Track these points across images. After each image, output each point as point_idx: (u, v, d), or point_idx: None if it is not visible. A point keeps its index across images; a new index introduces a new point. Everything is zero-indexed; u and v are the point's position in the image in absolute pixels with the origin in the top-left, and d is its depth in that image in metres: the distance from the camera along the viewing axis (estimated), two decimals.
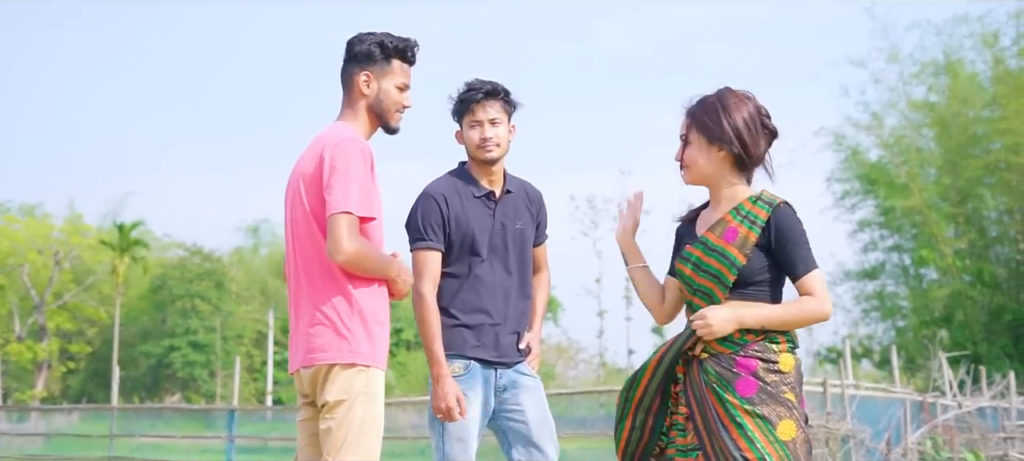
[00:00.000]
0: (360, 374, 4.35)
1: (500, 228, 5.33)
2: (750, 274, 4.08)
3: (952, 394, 16.67)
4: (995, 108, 33.54)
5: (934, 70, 34.97)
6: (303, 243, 4.46)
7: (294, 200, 4.50)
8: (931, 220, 33.42)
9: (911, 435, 14.74)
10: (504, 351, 5.29)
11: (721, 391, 4.03)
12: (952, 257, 33.26)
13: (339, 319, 4.36)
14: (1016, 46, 33.73)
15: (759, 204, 4.18)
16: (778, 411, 3.98)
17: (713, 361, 4.10)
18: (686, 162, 4.30)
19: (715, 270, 4.10)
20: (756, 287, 4.11)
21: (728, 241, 4.10)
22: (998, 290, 33.37)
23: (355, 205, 4.29)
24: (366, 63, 4.61)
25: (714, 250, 4.13)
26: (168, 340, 55.29)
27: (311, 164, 4.41)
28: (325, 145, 4.39)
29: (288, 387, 46.81)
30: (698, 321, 4.06)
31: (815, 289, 4.10)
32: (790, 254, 4.10)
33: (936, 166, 35.00)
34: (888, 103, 35.77)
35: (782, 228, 4.11)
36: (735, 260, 4.07)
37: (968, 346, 29.17)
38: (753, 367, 4.04)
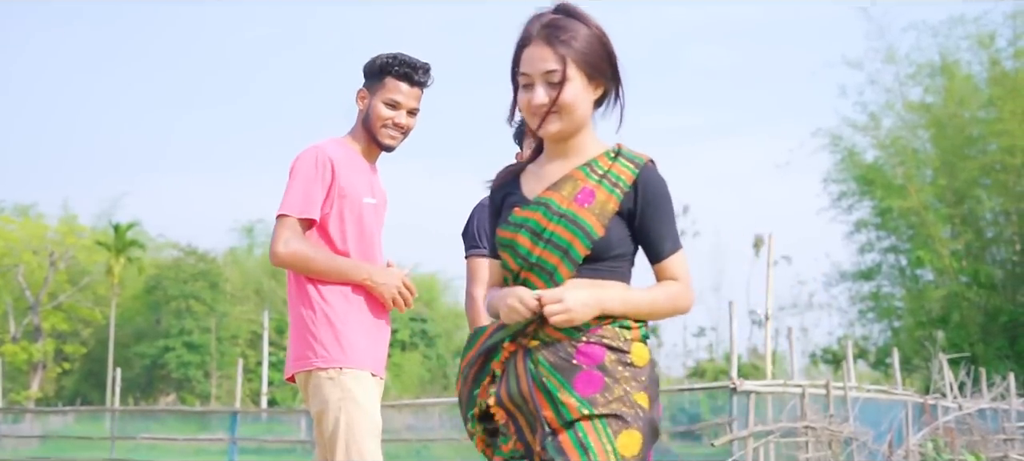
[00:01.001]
0: (331, 379, 4.41)
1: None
2: (606, 249, 3.23)
3: (953, 396, 16.68)
4: (991, 109, 33.61)
5: (930, 71, 35.05)
6: None
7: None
8: (927, 221, 33.46)
9: (912, 437, 14.74)
10: None
11: (554, 389, 3.15)
12: (949, 258, 33.30)
13: (307, 326, 4.46)
14: (1012, 47, 33.79)
15: (621, 162, 3.33)
16: (624, 416, 3.12)
17: (547, 350, 3.20)
18: (565, 106, 3.28)
19: (563, 241, 3.21)
20: (610, 265, 3.27)
21: (581, 205, 3.22)
22: (994, 291, 33.42)
23: (294, 207, 4.42)
24: (365, 80, 4.75)
25: (561, 215, 3.22)
26: (163, 341, 55.21)
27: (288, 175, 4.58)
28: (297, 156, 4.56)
29: (283, 388, 46.78)
30: (554, 305, 3.10)
31: (681, 273, 3.34)
32: (657, 228, 3.29)
33: (932, 167, 35.05)
34: (885, 104, 35.87)
35: (651, 195, 3.29)
36: (591, 230, 3.19)
37: (965, 347, 29.22)
38: (599, 357, 3.18)
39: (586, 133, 3.38)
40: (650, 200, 3.28)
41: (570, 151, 3.35)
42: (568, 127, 3.31)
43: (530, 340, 3.24)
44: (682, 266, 3.34)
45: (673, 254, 3.32)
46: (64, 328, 54.67)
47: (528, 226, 3.26)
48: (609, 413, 3.12)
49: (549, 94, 3.27)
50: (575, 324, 3.14)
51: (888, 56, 35.46)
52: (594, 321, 3.20)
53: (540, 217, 3.25)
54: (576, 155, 3.35)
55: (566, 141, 3.35)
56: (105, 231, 54.26)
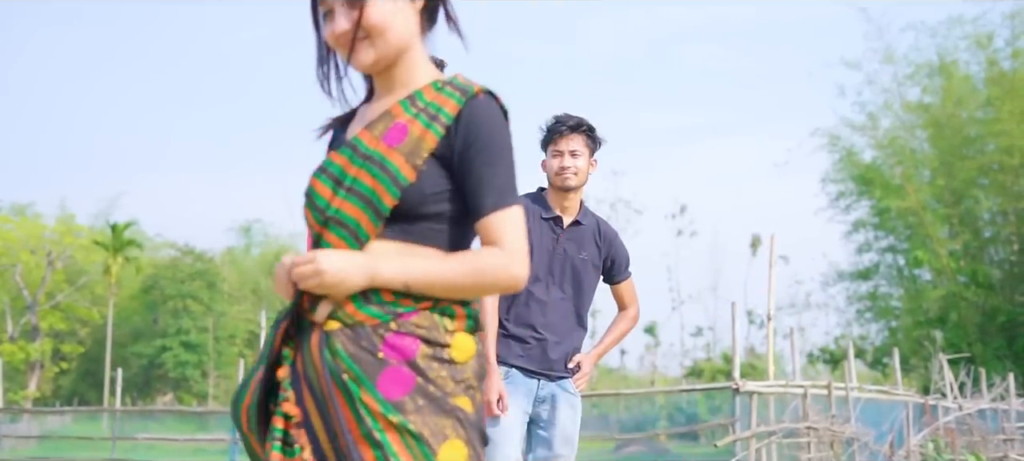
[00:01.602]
0: None
1: (562, 253, 5.62)
2: (419, 201, 2.56)
3: (953, 396, 16.71)
4: (989, 110, 33.67)
5: (929, 71, 35.11)
6: None
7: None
8: (925, 221, 33.49)
9: (913, 437, 14.77)
10: (549, 365, 5.57)
11: (354, 388, 2.49)
12: (946, 258, 33.34)
13: None
14: (1010, 48, 33.85)
15: (446, 92, 2.67)
16: (441, 425, 2.50)
17: (348, 337, 2.53)
18: (373, 28, 2.68)
19: (365, 188, 2.56)
20: (427, 226, 2.60)
21: (391, 144, 2.58)
22: (992, 291, 33.46)
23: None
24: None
25: (367, 157, 2.59)
26: (160, 340, 55.21)
27: None
28: None
29: None
30: (304, 266, 2.50)
31: (505, 238, 2.59)
32: (478, 174, 2.58)
33: (930, 167, 35.11)
34: (883, 104, 35.92)
35: (473, 131, 2.60)
36: (398, 174, 2.55)
37: (962, 347, 29.26)
38: (410, 351, 2.53)
39: (412, 59, 2.74)
40: (472, 139, 2.59)
41: (396, 83, 2.74)
42: (384, 53, 2.70)
43: (329, 321, 2.55)
44: (508, 229, 2.60)
45: (496, 212, 2.58)
46: (61, 328, 54.67)
47: (331, 172, 2.65)
48: (421, 423, 2.48)
49: (350, 17, 2.68)
50: (329, 291, 2.50)
51: (886, 56, 35.55)
52: (408, 303, 2.55)
53: (345, 161, 2.63)
54: (402, 87, 2.74)
55: (390, 72, 2.74)
56: (102, 231, 54.25)
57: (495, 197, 2.58)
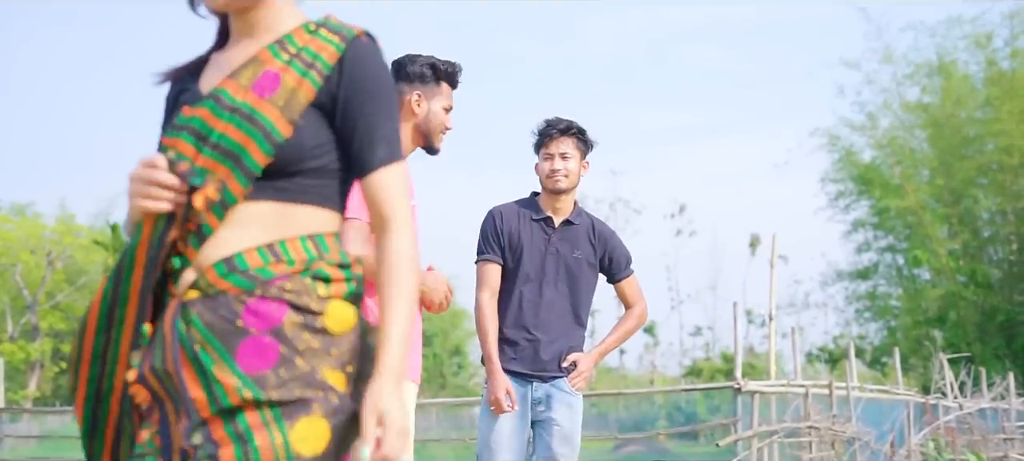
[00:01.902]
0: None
1: (555, 253, 5.71)
2: (297, 157, 2.29)
3: (953, 396, 16.77)
4: (988, 109, 33.71)
5: (928, 71, 35.14)
6: None
7: None
8: (925, 221, 33.54)
9: (914, 437, 14.82)
10: (541, 366, 5.66)
11: (208, 361, 2.20)
12: (946, 257, 33.39)
13: None
14: (1009, 47, 33.89)
15: (322, 36, 2.40)
16: (305, 400, 2.19)
17: (206, 306, 2.25)
18: None
19: (233, 144, 2.26)
20: (307, 179, 2.33)
21: (261, 94, 2.28)
22: (991, 291, 33.50)
23: (364, 212, 4.38)
24: (418, 83, 4.70)
25: (233, 109, 2.29)
26: None
27: None
28: None
29: None
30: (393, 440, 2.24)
31: (394, 202, 2.35)
32: (368, 124, 2.33)
33: (930, 167, 35.16)
34: (882, 104, 35.94)
35: (359, 78, 2.34)
36: (272, 129, 2.26)
37: (961, 346, 29.29)
38: (275, 318, 2.24)
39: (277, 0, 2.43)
40: (358, 86, 2.33)
41: (258, 27, 2.43)
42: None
43: (189, 290, 2.28)
44: (397, 191, 2.36)
45: (386, 167, 2.35)
46: (62, 327, 54.62)
47: (191, 128, 2.34)
48: (283, 399, 2.19)
49: None
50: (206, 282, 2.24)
51: (885, 56, 35.57)
52: (279, 267, 2.27)
53: (207, 114, 2.32)
54: (266, 32, 2.43)
55: (249, 13, 2.42)
56: (102, 231, 54.23)
57: (385, 150, 2.35)
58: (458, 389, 59.48)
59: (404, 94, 4.69)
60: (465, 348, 68.07)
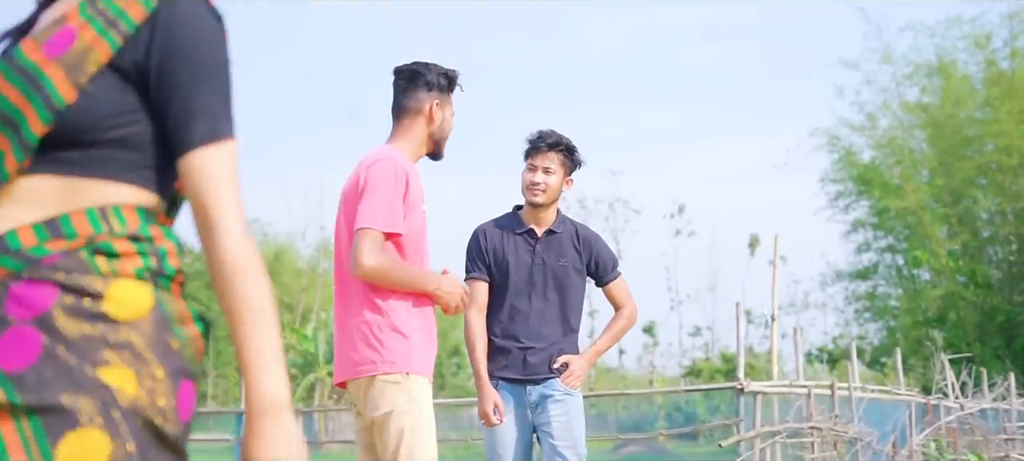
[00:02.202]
0: (398, 384, 4.49)
1: (541, 263, 5.88)
2: (88, 125, 1.93)
3: (954, 396, 16.78)
4: (987, 110, 33.72)
5: (927, 71, 35.16)
6: (342, 259, 4.65)
7: (338, 219, 4.73)
8: (924, 221, 33.55)
9: (915, 437, 14.83)
10: (532, 371, 5.85)
11: None
12: (945, 258, 33.40)
13: (371, 332, 4.51)
14: (1008, 48, 33.90)
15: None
16: (75, 407, 1.79)
17: None
18: None
19: (12, 110, 1.93)
20: (107, 151, 1.96)
21: (50, 54, 1.94)
22: (991, 291, 33.52)
23: (379, 221, 4.43)
24: (436, 91, 4.82)
25: (21, 70, 1.95)
26: None
27: (351, 184, 4.63)
28: (363, 165, 4.58)
29: None
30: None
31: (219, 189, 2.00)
32: (185, 95, 1.99)
33: (929, 167, 35.17)
34: (882, 104, 35.95)
35: (177, 40, 2.00)
36: (54, 93, 1.92)
37: (961, 347, 29.31)
38: (42, 303, 1.83)
39: None
40: (174, 49, 1.98)
41: None
42: None
43: None
44: (224, 178, 2.00)
45: (208, 146, 2.00)
46: None
47: None
48: (43, 404, 1.77)
49: None
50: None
51: (885, 56, 35.59)
52: (53, 243, 1.88)
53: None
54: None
55: None
56: None
57: (207, 125, 1.98)
58: (457, 389, 59.50)
59: (422, 102, 4.78)
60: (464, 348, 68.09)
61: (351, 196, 4.58)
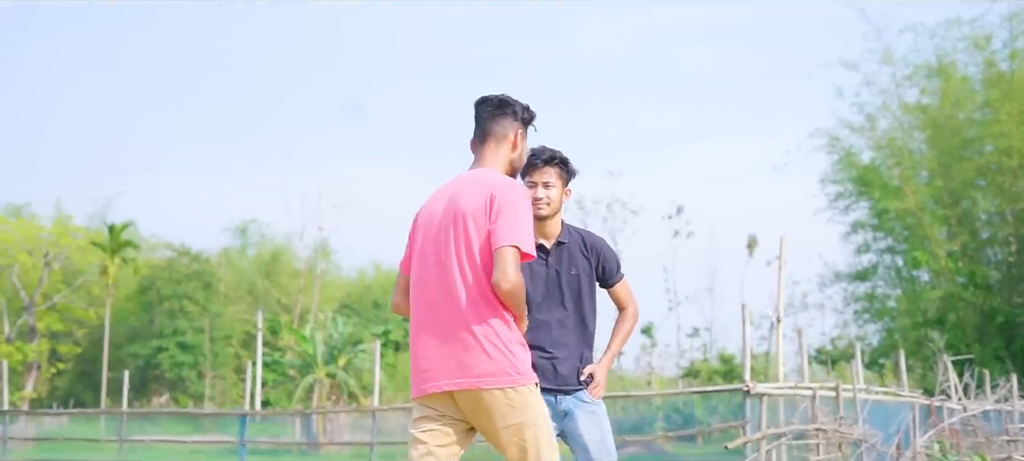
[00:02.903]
0: (532, 393, 4.69)
1: (554, 275, 6.00)
2: None
3: (957, 398, 16.75)
4: (987, 111, 33.72)
5: (927, 73, 35.16)
6: (462, 271, 4.68)
7: (453, 231, 4.74)
8: (924, 222, 33.55)
9: (919, 439, 14.81)
10: (562, 380, 5.91)
11: None
12: (945, 259, 33.40)
13: (506, 344, 4.65)
14: (1008, 49, 33.90)
15: None
16: None
17: None
18: None
19: None
20: None
21: None
22: (990, 292, 33.53)
23: (522, 242, 4.60)
24: (520, 123, 5.10)
25: None
26: (156, 341, 55.12)
27: (478, 202, 4.70)
28: (492, 187, 4.71)
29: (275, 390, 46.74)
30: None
31: None
32: None
33: (929, 168, 35.18)
34: (881, 105, 35.95)
35: None
36: None
37: (961, 348, 29.33)
38: None
39: None
40: None
41: None
42: None
43: None
44: None
45: None
46: (58, 329, 54.58)
47: None
48: None
49: None
50: None
51: (885, 57, 35.59)
52: None
53: None
54: None
55: None
56: (99, 231, 54.19)
57: None
58: None
59: (508, 130, 5.05)
60: None
61: (477, 213, 4.67)
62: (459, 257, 4.70)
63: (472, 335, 4.63)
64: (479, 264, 4.64)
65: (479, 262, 4.65)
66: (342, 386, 40.11)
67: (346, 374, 39.98)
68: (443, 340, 4.70)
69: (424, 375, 4.74)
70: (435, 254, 4.76)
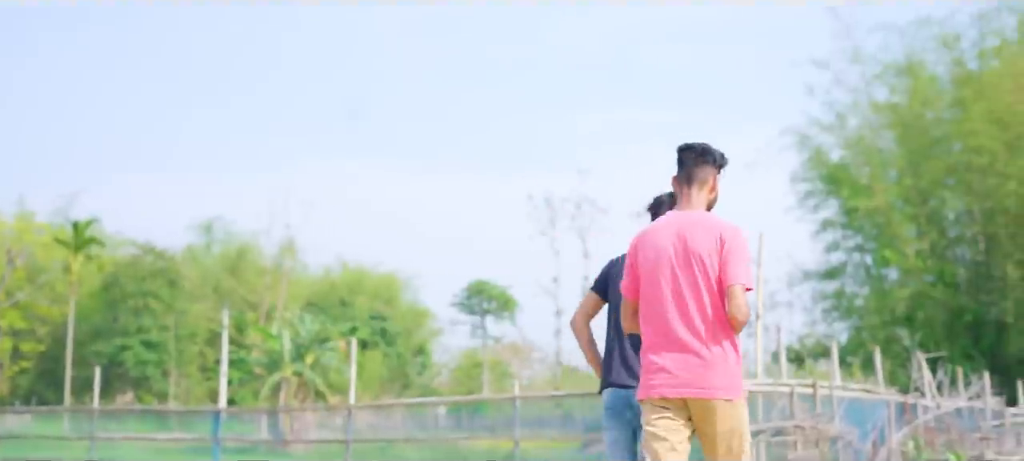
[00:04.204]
0: (744, 405, 5.44)
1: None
2: None
3: (931, 395, 16.74)
4: (956, 110, 33.83)
5: (896, 71, 35.24)
6: (700, 302, 5.46)
7: (692, 267, 5.51)
8: (893, 221, 33.65)
9: (894, 435, 14.77)
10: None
11: None
12: (914, 258, 33.48)
13: (730, 365, 5.39)
14: (976, 48, 34.02)
15: None
16: None
17: None
18: None
19: None
20: None
21: None
22: (958, 291, 33.64)
23: (749, 280, 5.43)
24: (718, 170, 5.80)
25: None
26: (120, 339, 54.58)
27: (710, 244, 5.49)
28: (721, 231, 5.50)
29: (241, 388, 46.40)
30: None
31: None
32: None
33: (898, 167, 35.25)
34: (851, 104, 36.00)
35: None
36: None
37: (929, 346, 29.38)
38: None
39: None
40: None
41: None
42: None
43: None
44: None
45: None
46: (21, 326, 53.96)
47: None
48: None
49: None
50: None
51: (855, 56, 35.64)
52: None
53: None
54: None
55: None
56: (62, 228, 53.64)
57: None
58: (423, 389, 59.33)
59: (708, 175, 5.73)
60: (428, 347, 67.83)
61: (711, 254, 5.46)
62: (697, 290, 5.46)
63: (710, 355, 5.40)
64: (714, 295, 5.43)
65: (714, 294, 5.43)
66: (309, 384, 39.80)
67: (313, 372, 39.67)
68: (683, 357, 5.46)
69: (664, 382, 5.48)
70: (672, 284, 5.52)
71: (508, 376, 66.34)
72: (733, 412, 5.41)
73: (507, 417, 31.92)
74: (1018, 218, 32.57)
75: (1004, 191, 31.98)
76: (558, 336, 57.65)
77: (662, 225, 5.71)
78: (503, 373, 67.84)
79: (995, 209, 32.87)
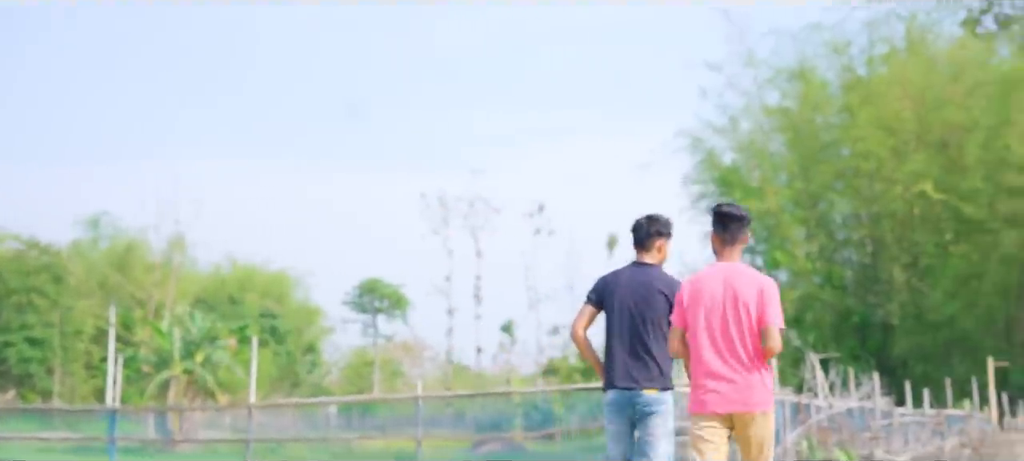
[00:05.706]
0: (772, 417, 6.97)
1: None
2: None
3: (824, 395, 16.99)
4: (845, 115, 34.44)
5: (788, 76, 35.76)
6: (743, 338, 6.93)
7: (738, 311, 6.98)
8: (783, 223, 34.16)
9: (789, 435, 14.95)
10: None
11: None
12: (803, 260, 34.03)
13: (766, 385, 6.93)
14: (865, 54, 34.69)
15: None
16: None
17: None
18: None
19: None
20: None
21: None
22: (846, 292, 34.26)
23: (781, 322, 7.02)
24: (750, 230, 7.39)
25: None
26: (2, 336, 53.23)
27: (753, 293, 6.97)
28: (762, 283, 7.02)
29: (131, 385, 45.61)
30: None
31: None
32: None
33: (788, 170, 35.81)
34: (743, 107, 36.47)
35: None
36: None
37: (818, 347, 29.85)
38: None
39: None
40: None
41: None
42: None
43: None
44: None
45: None
46: None
47: None
48: None
49: None
50: None
51: (748, 60, 36.11)
52: None
53: None
54: None
55: None
56: None
57: None
58: (313, 388, 58.81)
59: (747, 237, 7.25)
60: (319, 346, 67.28)
61: (754, 300, 6.93)
62: (741, 329, 6.98)
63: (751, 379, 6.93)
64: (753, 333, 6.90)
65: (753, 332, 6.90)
66: (199, 382, 39.16)
67: (204, 370, 39.05)
68: (731, 381, 6.97)
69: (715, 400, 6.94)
70: (722, 322, 7.01)
71: (399, 375, 66.07)
72: (766, 422, 6.98)
73: (398, 417, 31.80)
74: (904, 222, 33.28)
75: (891, 195, 32.66)
76: (450, 335, 57.40)
77: (712, 274, 7.14)
78: (394, 372, 67.55)
79: (882, 213, 33.55)
